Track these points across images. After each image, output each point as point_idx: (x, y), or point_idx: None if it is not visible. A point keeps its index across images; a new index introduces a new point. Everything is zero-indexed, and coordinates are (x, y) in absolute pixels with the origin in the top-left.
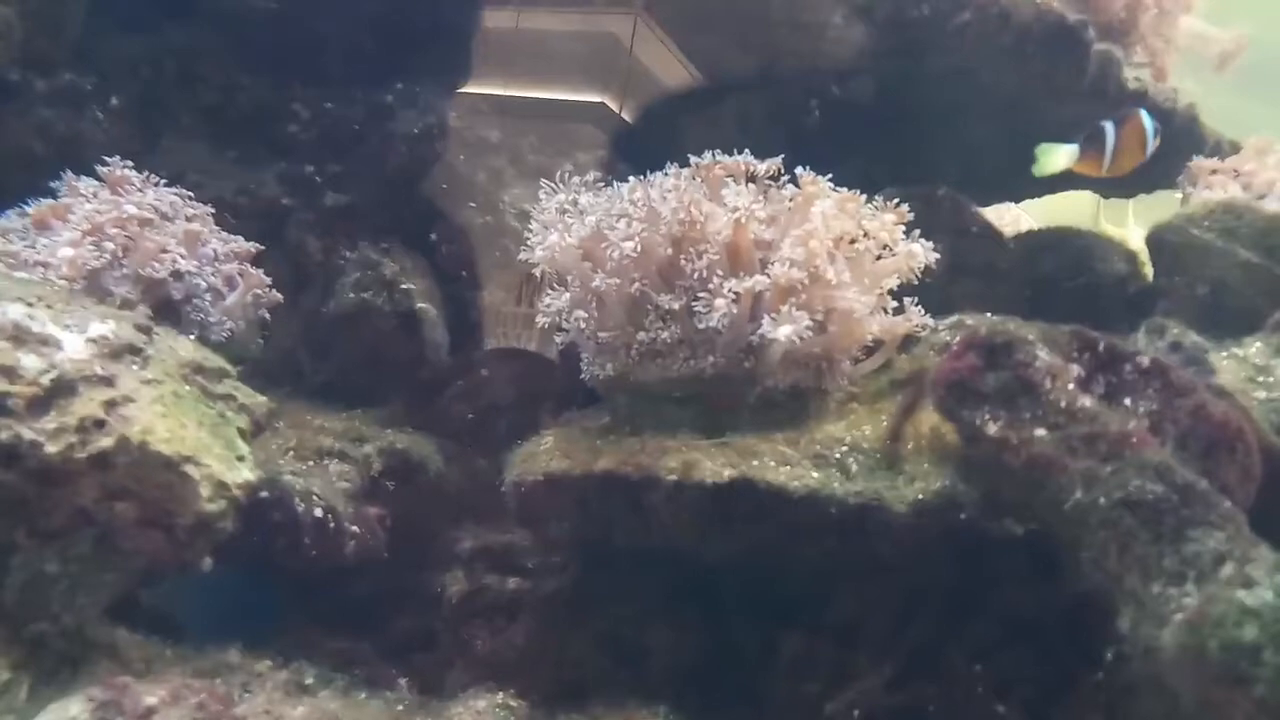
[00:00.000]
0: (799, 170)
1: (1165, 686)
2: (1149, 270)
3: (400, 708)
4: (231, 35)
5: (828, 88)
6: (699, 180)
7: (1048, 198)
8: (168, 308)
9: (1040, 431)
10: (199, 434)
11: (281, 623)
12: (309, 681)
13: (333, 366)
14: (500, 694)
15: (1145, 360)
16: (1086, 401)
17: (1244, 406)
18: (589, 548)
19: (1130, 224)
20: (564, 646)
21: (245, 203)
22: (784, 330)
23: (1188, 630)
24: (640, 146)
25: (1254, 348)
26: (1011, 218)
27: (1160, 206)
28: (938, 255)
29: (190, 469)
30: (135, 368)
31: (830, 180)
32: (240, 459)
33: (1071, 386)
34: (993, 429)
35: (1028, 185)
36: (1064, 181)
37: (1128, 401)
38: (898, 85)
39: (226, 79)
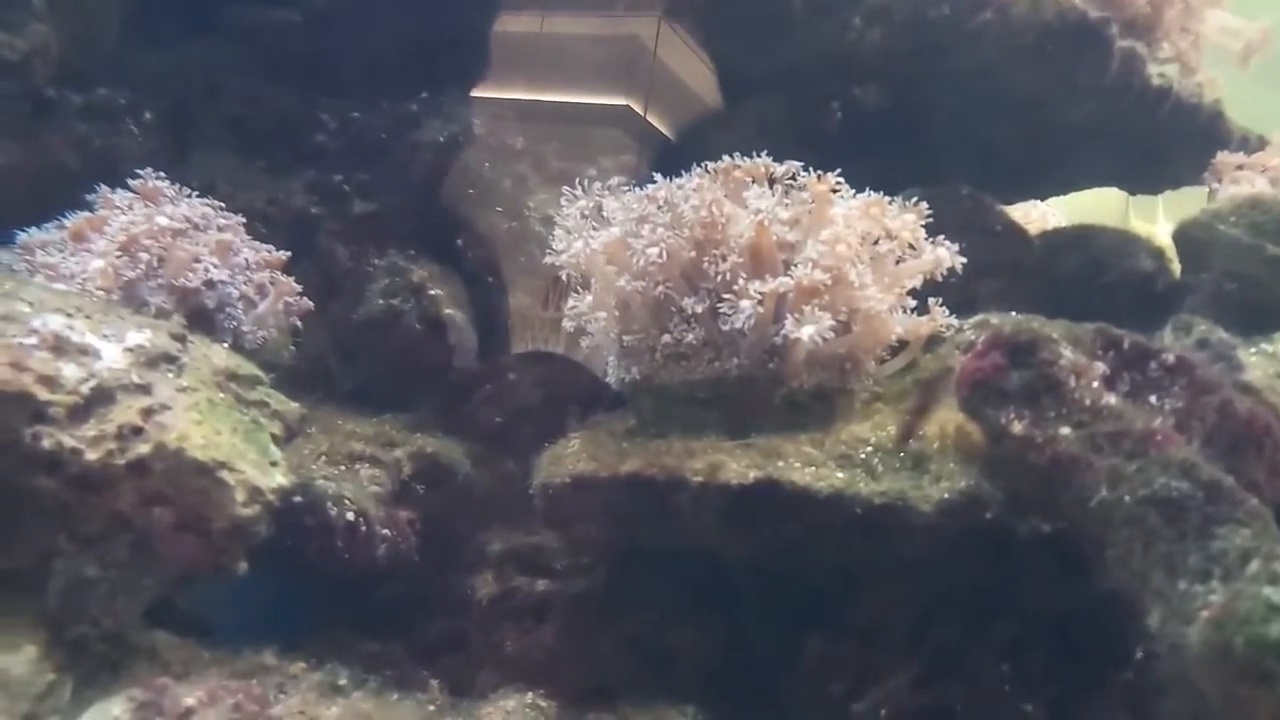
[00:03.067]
0: (816, 173)
1: (1192, 685)
2: (1176, 267)
3: (431, 708)
4: (258, 48)
5: (847, 90)
6: (720, 183)
7: (1076, 195)
8: (201, 316)
9: (1065, 430)
10: (233, 440)
11: (315, 625)
12: (342, 683)
13: (362, 372)
14: (530, 694)
15: (1171, 357)
16: (1111, 399)
17: (1272, 403)
18: (616, 549)
19: (1160, 220)
20: (592, 647)
21: (275, 212)
22: (808, 330)
23: (1213, 628)
24: (663, 151)
25: None
26: (1039, 214)
27: (1190, 202)
28: (963, 259)
29: (225, 474)
30: (171, 375)
31: (848, 181)
32: (273, 464)
33: (1096, 384)
34: (1017, 428)
35: (1049, 183)
36: (1088, 178)
37: (1153, 399)
38: (917, 86)
39: (253, 91)
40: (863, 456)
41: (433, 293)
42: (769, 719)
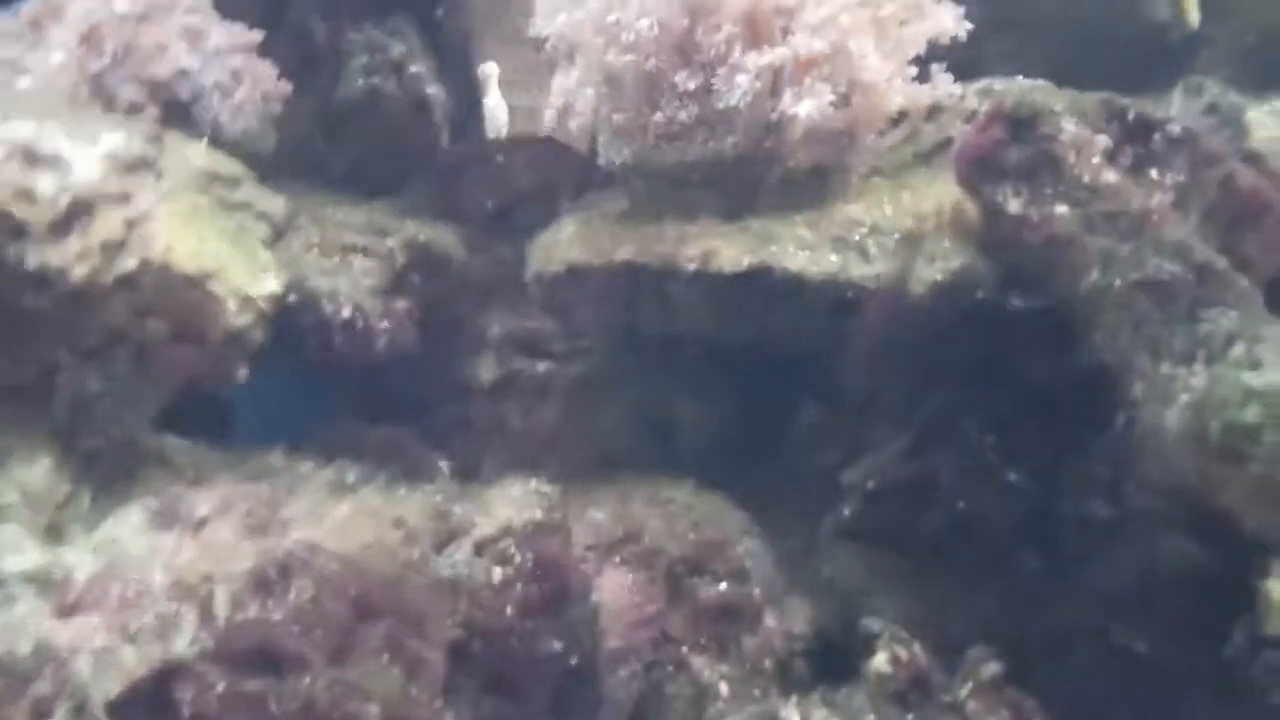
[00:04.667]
0: None
1: (1170, 455)
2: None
3: (439, 498)
4: None
5: None
6: None
7: None
8: (175, 108)
9: (1062, 209)
10: (220, 247)
11: (323, 418)
12: (350, 479)
13: (348, 155)
14: (533, 480)
15: (1176, 129)
16: (1111, 176)
17: (1276, 169)
18: (613, 333)
19: None
20: (594, 422)
21: None
22: (806, 106)
23: (1192, 412)
24: None
25: None
26: None
27: None
28: (969, 25)
29: (214, 285)
30: (151, 181)
31: None
32: (264, 269)
33: (1096, 160)
34: (1014, 205)
35: None
36: None
37: (1155, 173)
38: None
39: None
40: (857, 239)
41: (414, 70)
42: (765, 487)
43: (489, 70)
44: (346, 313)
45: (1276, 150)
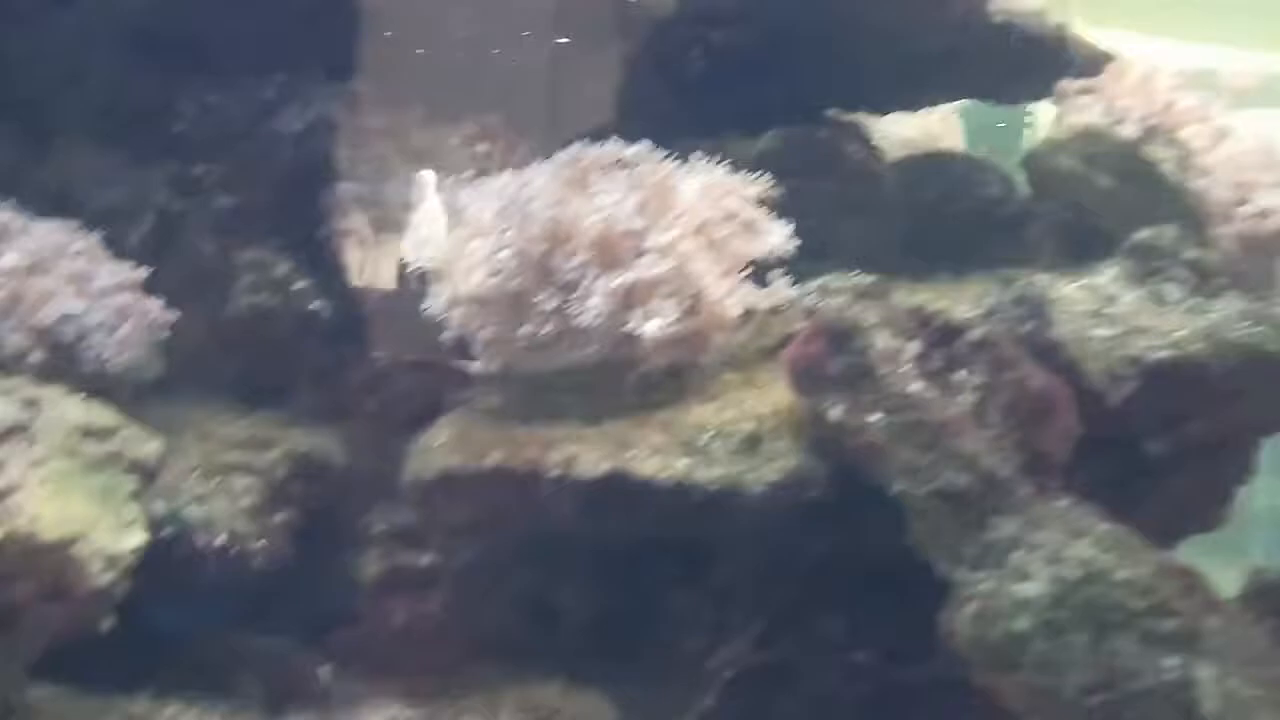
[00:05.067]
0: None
1: None
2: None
3: None
4: (121, 26)
5: (710, 31)
6: (569, 174)
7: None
8: (62, 351)
9: (875, 417)
10: (87, 510)
11: (204, 639)
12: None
13: (237, 367)
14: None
15: (977, 334)
16: (917, 385)
17: (1073, 357)
18: (488, 531)
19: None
20: (476, 614)
21: (137, 209)
22: (653, 325)
23: (974, 620)
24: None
25: (1107, 275)
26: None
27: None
28: (798, 241)
29: (80, 548)
30: (23, 446)
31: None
32: (130, 523)
33: (906, 369)
34: (835, 413)
35: (920, 101)
36: (958, 95)
37: (961, 374)
38: (779, 22)
39: (115, 76)
40: (703, 442)
41: (298, 287)
42: (636, 677)
43: (426, 178)
44: (220, 540)
45: (1080, 334)
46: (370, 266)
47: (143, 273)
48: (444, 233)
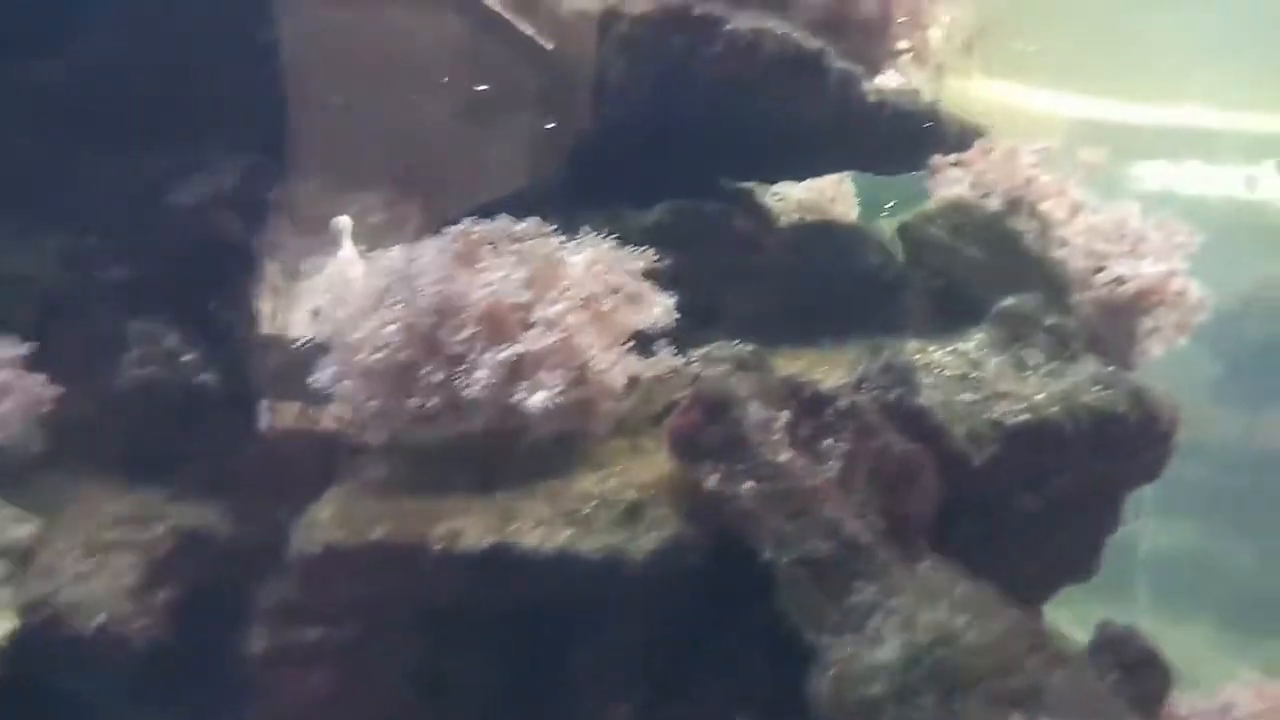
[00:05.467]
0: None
1: None
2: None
3: None
4: (21, 101)
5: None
6: (457, 249)
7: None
8: None
9: (748, 485)
10: None
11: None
12: None
13: (124, 442)
14: None
15: (844, 403)
16: (786, 455)
17: (938, 423)
18: (375, 604)
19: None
20: (363, 688)
21: (28, 279)
22: (538, 397)
23: (833, 684)
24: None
25: (974, 341)
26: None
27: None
28: (686, 311)
29: None
30: None
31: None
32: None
33: (778, 437)
34: (711, 482)
35: (804, 172)
36: (838, 167)
37: (829, 441)
38: (665, 107)
39: (10, 148)
40: (587, 511)
41: (187, 359)
42: None
43: (343, 224)
44: (98, 622)
45: (947, 399)
46: (260, 338)
47: (25, 349)
48: (335, 305)
